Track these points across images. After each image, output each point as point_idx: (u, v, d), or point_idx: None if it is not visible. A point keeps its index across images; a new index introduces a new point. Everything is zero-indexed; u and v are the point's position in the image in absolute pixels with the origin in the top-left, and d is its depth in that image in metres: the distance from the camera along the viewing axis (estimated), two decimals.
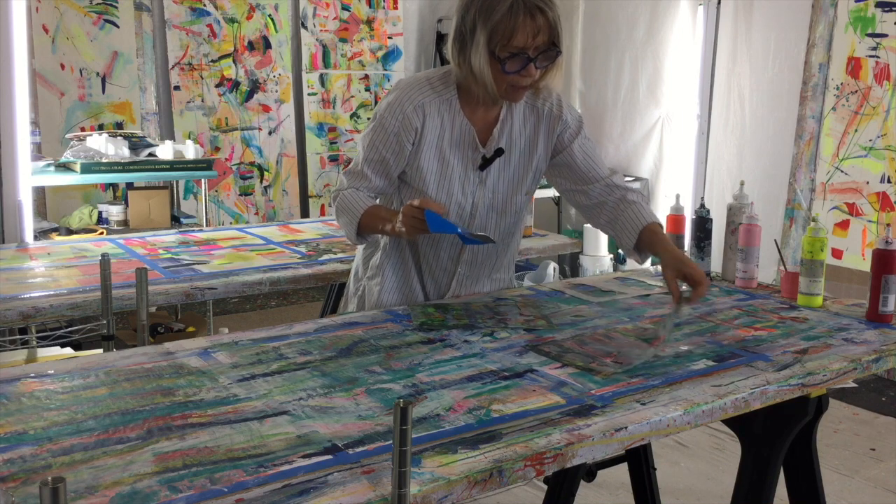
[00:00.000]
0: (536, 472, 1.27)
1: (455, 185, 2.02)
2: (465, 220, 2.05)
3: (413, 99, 1.95)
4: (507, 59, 1.82)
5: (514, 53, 1.81)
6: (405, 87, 1.98)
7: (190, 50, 5.54)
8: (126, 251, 2.68)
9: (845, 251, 4.35)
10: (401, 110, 1.94)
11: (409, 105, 1.94)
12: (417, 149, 1.97)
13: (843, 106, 4.36)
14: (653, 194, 5.44)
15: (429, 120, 1.96)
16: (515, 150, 2.04)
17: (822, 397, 1.80)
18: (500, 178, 2.05)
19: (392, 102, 1.96)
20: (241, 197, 5.85)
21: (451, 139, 1.99)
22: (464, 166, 2.01)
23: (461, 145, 2.00)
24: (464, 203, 2.04)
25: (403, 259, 2.12)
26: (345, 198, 1.99)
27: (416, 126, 1.94)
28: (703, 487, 3.14)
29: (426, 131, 1.96)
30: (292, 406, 1.42)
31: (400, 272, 2.13)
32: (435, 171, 2.00)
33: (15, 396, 1.44)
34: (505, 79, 1.86)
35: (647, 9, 5.28)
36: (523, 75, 1.85)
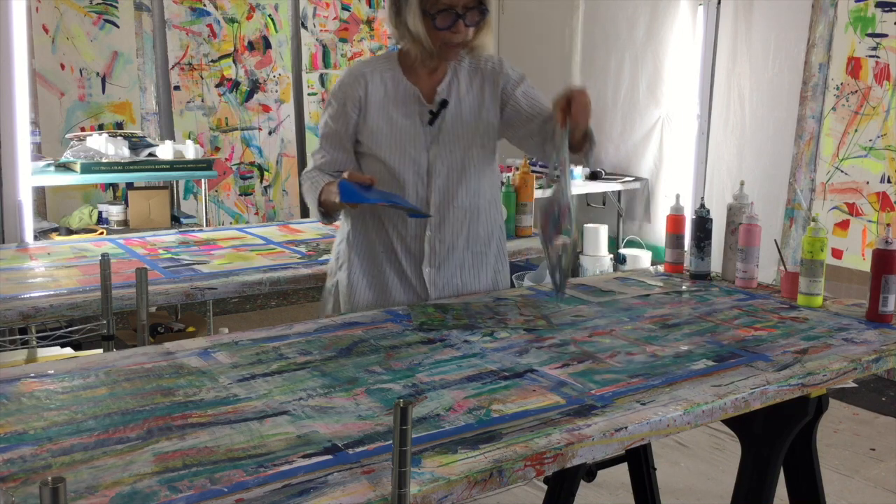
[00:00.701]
0: (536, 472, 1.27)
1: (407, 143, 2.08)
2: (422, 177, 2.08)
3: (353, 72, 2.12)
4: (437, 15, 1.96)
5: (443, 9, 1.96)
6: (351, 66, 2.18)
7: (190, 50, 5.54)
8: (126, 251, 2.68)
9: (845, 251, 4.35)
10: (345, 83, 2.10)
11: (349, 77, 2.11)
12: (365, 115, 2.08)
13: (843, 106, 4.36)
14: (653, 194, 5.44)
15: (371, 86, 2.08)
16: (465, 106, 2.12)
17: (822, 397, 1.80)
18: (453, 134, 2.10)
19: (340, 78, 2.14)
20: (241, 197, 5.85)
21: (397, 101, 2.09)
22: (412, 123, 2.09)
23: (407, 105, 2.09)
24: (420, 160, 2.08)
25: (368, 238, 2.14)
26: (307, 179, 2.12)
27: (359, 94, 2.08)
28: (703, 487, 3.14)
29: (370, 96, 2.08)
30: (292, 406, 1.42)
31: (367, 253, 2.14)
32: (385, 132, 2.08)
33: (15, 396, 1.44)
34: (438, 36, 1.99)
35: (647, 9, 5.28)
36: (454, 32, 1.98)
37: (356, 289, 2.15)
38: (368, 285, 2.15)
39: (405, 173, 2.06)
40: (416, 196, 2.08)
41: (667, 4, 5.17)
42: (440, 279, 2.14)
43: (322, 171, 2.10)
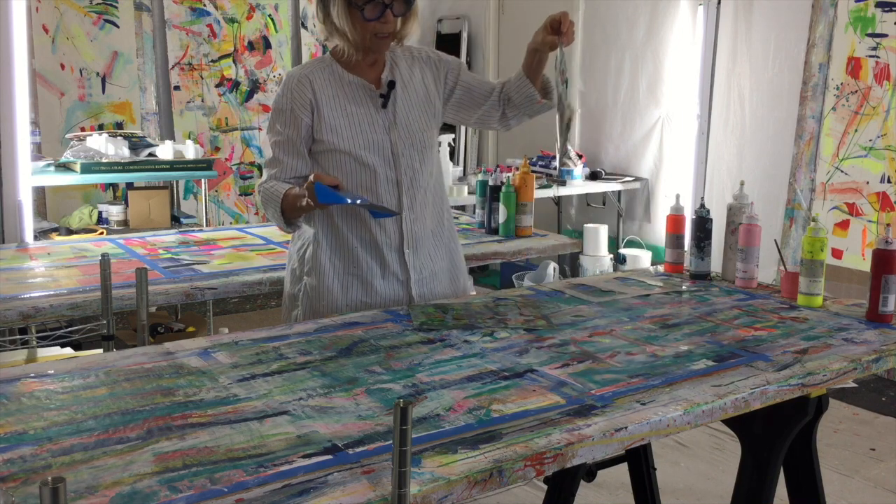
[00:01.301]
0: (536, 472, 1.27)
1: (367, 130, 2.10)
2: (388, 160, 2.11)
3: (295, 76, 2.11)
4: (364, 6, 1.98)
5: (369, 0, 1.97)
6: (288, 73, 2.14)
7: (190, 50, 5.54)
8: (126, 251, 2.68)
9: (845, 251, 4.35)
10: (288, 89, 2.09)
11: (293, 81, 2.10)
12: (319, 114, 2.08)
13: (843, 106, 4.36)
14: (653, 194, 5.44)
15: (317, 86, 2.09)
16: (411, 90, 2.17)
17: (822, 397, 1.80)
18: (408, 115, 2.15)
19: (280, 88, 2.12)
20: (241, 197, 5.85)
21: (346, 95, 2.11)
22: (367, 110, 2.11)
23: (357, 95, 2.11)
24: (383, 144, 2.11)
25: (341, 235, 2.11)
26: (265, 190, 2.08)
27: (307, 96, 2.08)
28: (703, 487, 3.14)
29: (319, 95, 2.08)
30: (292, 406, 1.42)
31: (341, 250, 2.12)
32: (344, 125, 2.09)
33: (15, 396, 1.44)
34: (367, 27, 2.00)
35: (647, 9, 5.28)
36: (383, 22, 2.00)
37: (331, 289, 2.11)
38: (348, 283, 2.12)
39: (372, 159, 2.09)
40: (386, 179, 2.10)
41: (667, 4, 5.16)
42: (417, 260, 2.16)
43: (278, 179, 2.08)
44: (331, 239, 2.12)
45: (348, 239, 2.11)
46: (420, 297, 2.15)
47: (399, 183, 2.11)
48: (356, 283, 2.11)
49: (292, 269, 2.20)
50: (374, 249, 2.11)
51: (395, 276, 2.13)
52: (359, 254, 2.11)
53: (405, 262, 2.13)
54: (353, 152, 2.07)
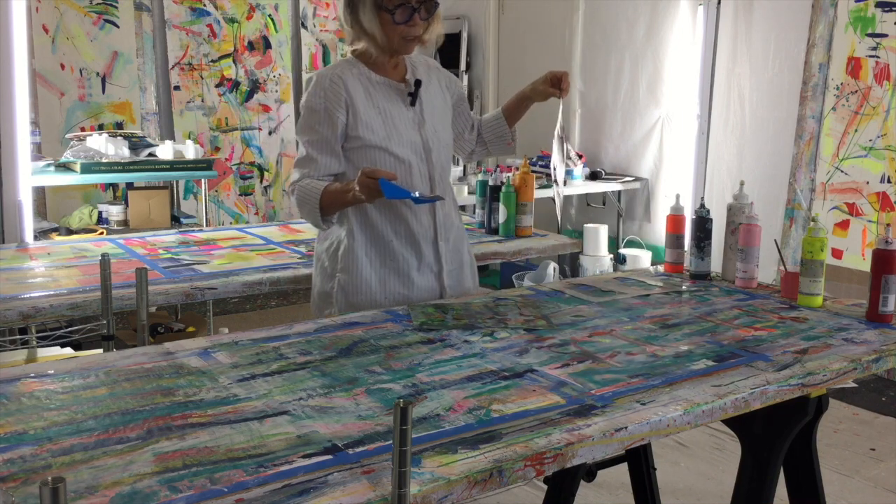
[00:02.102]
0: (536, 472, 1.27)
1: (400, 126, 2.16)
2: (421, 155, 2.18)
3: (326, 76, 2.13)
4: (395, 10, 2.04)
5: (399, 4, 2.04)
6: (318, 74, 2.16)
7: (190, 50, 5.54)
8: (126, 251, 2.68)
9: (845, 251, 4.35)
10: (321, 89, 2.11)
11: (325, 81, 2.12)
12: (354, 111, 2.11)
13: (843, 106, 4.36)
14: (653, 194, 5.44)
15: (350, 84, 2.12)
16: (432, 90, 2.26)
17: (822, 397, 1.80)
18: (433, 113, 2.23)
19: (311, 89, 2.13)
20: (241, 197, 5.85)
21: (377, 92, 2.15)
22: (398, 108, 2.17)
23: (387, 93, 2.17)
24: (415, 140, 2.18)
25: (377, 231, 2.15)
26: (301, 188, 2.10)
27: (342, 95, 2.10)
28: (703, 487, 3.14)
29: (353, 94, 2.11)
30: (292, 406, 1.42)
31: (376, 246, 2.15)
32: (378, 122, 2.13)
33: (15, 396, 1.44)
34: (395, 30, 2.07)
35: (647, 9, 5.28)
36: (411, 25, 2.07)
37: (369, 283, 2.15)
38: (385, 276, 2.16)
39: (407, 154, 2.15)
40: (420, 174, 2.17)
41: (667, 4, 5.16)
42: (448, 252, 2.24)
43: (312, 178, 2.11)
44: (367, 233, 2.16)
45: (385, 233, 2.16)
46: (451, 288, 2.24)
47: (431, 177, 2.19)
48: (393, 276, 2.17)
49: (323, 268, 2.22)
50: (411, 242, 2.17)
51: (429, 268, 2.21)
52: (395, 247, 2.16)
53: (439, 254, 2.21)
54: (388, 148, 2.12)
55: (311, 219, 2.11)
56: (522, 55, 6.11)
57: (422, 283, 2.19)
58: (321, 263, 2.23)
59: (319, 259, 2.24)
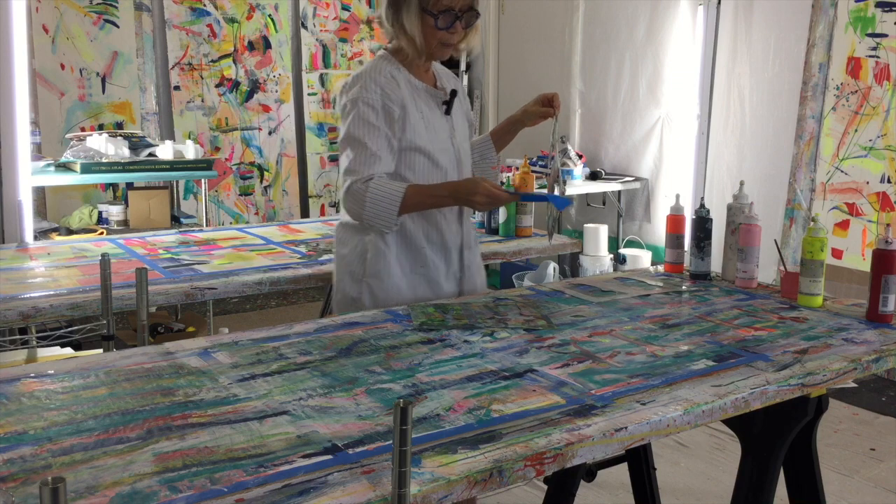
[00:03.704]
0: (536, 472, 1.27)
1: (440, 132, 2.18)
2: (453, 163, 2.20)
3: (380, 71, 2.12)
4: (439, 15, 2.05)
5: (444, 10, 2.05)
6: (365, 72, 2.13)
7: (190, 50, 5.54)
8: (126, 251, 2.68)
9: (845, 251, 4.35)
10: (377, 85, 2.09)
11: (381, 77, 2.10)
12: (405, 111, 2.11)
13: (843, 106, 4.36)
14: (653, 194, 5.44)
15: (402, 84, 2.13)
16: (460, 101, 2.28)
17: (822, 397, 1.80)
18: (461, 126, 2.27)
19: (365, 84, 2.10)
20: (241, 197, 5.85)
21: (418, 96, 2.16)
22: (436, 114, 2.19)
23: (426, 99, 2.18)
24: (450, 148, 2.20)
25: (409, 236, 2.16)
26: (378, 187, 2.05)
27: (398, 92, 2.11)
28: (703, 487, 3.14)
29: (403, 94, 2.12)
30: (292, 406, 1.42)
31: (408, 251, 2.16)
32: (422, 125, 2.14)
33: (15, 396, 1.44)
34: (436, 35, 2.08)
35: (647, 9, 5.28)
36: (452, 32, 2.09)
37: (400, 288, 2.15)
38: (415, 282, 2.18)
39: (444, 161, 2.17)
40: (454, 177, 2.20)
41: (667, 4, 5.16)
42: (469, 258, 2.28)
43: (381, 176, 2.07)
44: (399, 240, 2.15)
45: (417, 239, 2.17)
46: (467, 291, 2.28)
47: None
48: (423, 282, 2.18)
49: (350, 272, 2.19)
50: (442, 249, 2.20)
51: (454, 275, 2.24)
52: (427, 253, 2.18)
53: (463, 261, 2.25)
54: (430, 153, 2.14)
55: (380, 219, 2.06)
56: (522, 55, 6.11)
57: (448, 289, 2.23)
58: (348, 268, 2.19)
59: (346, 263, 2.20)
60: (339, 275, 2.23)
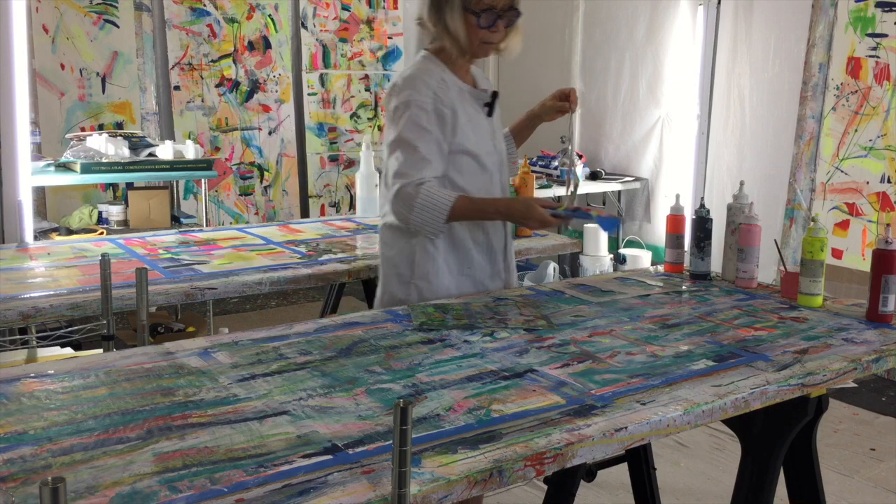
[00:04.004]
0: (536, 472, 1.27)
1: (485, 135, 2.19)
2: (497, 165, 2.23)
3: (432, 74, 2.12)
4: (481, 13, 2.06)
5: (486, 9, 2.06)
6: (416, 74, 2.11)
7: (190, 50, 5.54)
8: (126, 251, 2.68)
9: (845, 251, 4.35)
10: (428, 87, 2.09)
11: (433, 80, 2.10)
12: (455, 114, 2.11)
13: (843, 106, 4.36)
14: (653, 194, 5.44)
15: (450, 87, 2.13)
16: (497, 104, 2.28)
17: (822, 397, 1.80)
18: (498, 125, 2.28)
19: (415, 87, 2.09)
20: (241, 197, 5.85)
21: (464, 98, 2.16)
22: (480, 117, 2.20)
23: (470, 100, 2.18)
24: (493, 150, 2.21)
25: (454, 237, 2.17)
26: (429, 192, 2.04)
27: (449, 95, 2.11)
28: (703, 487, 3.14)
29: (453, 97, 2.12)
30: (292, 406, 1.42)
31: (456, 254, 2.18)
32: (469, 128, 2.14)
33: (15, 396, 1.44)
34: (477, 34, 2.08)
35: (647, 9, 5.28)
36: (493, 31, 2.09)
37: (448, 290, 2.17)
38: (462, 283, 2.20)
39: (490, 163, 2.19)
40: (499, 183, 2.23)
41: (667, 4, 5.17)
42: (510, 258, 2.32)
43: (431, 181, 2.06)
44: (447, 242, 2.16)
45: (464, 241, 2.18)
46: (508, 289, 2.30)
47: (504, 188, 2.26)
48: (469, 283, 2.21)
49: (398, 274, 2.18)
50: (488, 251, 2.23)
51: (499, 275, 2.27)
52: (473, 255, 2.20)
53: (507, 262, 2.29)
54: (477, 155, 2.15)
55: (427, 224, 2.05)
56: (522, 55, 6.07)
57: (493, 288, 2.26)
58: (395, 270, 2.19)
59: (392, 265, 2.20)
60: (385, 276, 2.23)
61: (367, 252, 2.72)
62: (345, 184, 6.24)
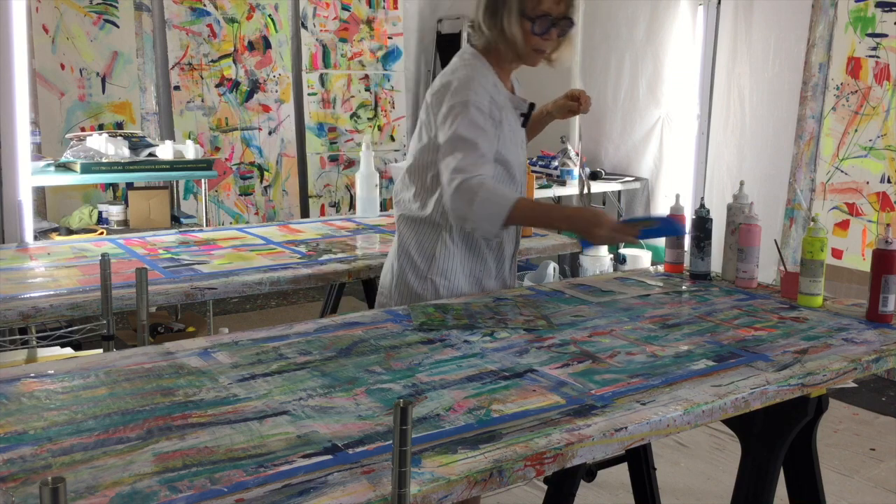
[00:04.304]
0: (536, 472, 1.27)
1: (518, 144, 2.20)
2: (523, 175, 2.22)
3: (486, 77, 2.10)
4: (536, 19, 2.05)
5: (541, 15, 2.05)
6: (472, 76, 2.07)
7: (190, 50, 5.54)
8: (126, 251, 2.68)
9: (845, 251, 4.35)
10: (485, 90, 2.07)
11: (489, 83, 2.09)
12: (502, 120, 2.11)
13: (843, 106, 4.36)
14: (653, 194, 5.44)
15: (501, 92, 2.13)
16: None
17: (822, 397, 1.80)
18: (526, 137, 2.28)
19: (473, 87, 2.05)
20: (241, 197, 5.85)
21: (504, 105, 2.14)
22: (516, 126, 2.20)
23: (510, 108, 2.17)
24: (523, 161, 2.22)
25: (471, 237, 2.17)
26: (492, 190, 1.99)
27: (499, 101, 2.11)
28: (703, 487, 3.14)
29: (502, 103, 2.12)
30: (292, 406, 1.42)
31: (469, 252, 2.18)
32: (510, 138, 2.14)
33: (15, 396, 1.44)
34: (531, 40, 2.07)
35: (647, 9, 5.28)
36: (546, 39, 2.09)
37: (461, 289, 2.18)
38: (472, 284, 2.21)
39: (519, 175, 2.19)
40: (521, 192, 2.22)
41: (667, 4, 5.17)
42: (514, 268, 2.33)
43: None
44: (465, 244, 2.17)
45: (480, 245, 2.19)
46: None
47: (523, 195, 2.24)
48: (476, 286, 2.22)
49: (415, 267, 2.19)
50: (498, 255, 2.24)
51: (501, 278, 2.27)
52: (486, 259, 2.21)
53: (512, 268, 2.31)
54: (511, 165, 2.14)
55: (485, 221, 1.99)
56: None
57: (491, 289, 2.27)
58: (411, 261, 2.19)
59: (409, 257, 2.19)
60: (400, 268, 2.21)
61: (367, 252, 2.72)
62: (345, 184, 6.25)
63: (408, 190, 2.20)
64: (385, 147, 6.45)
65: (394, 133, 6.50)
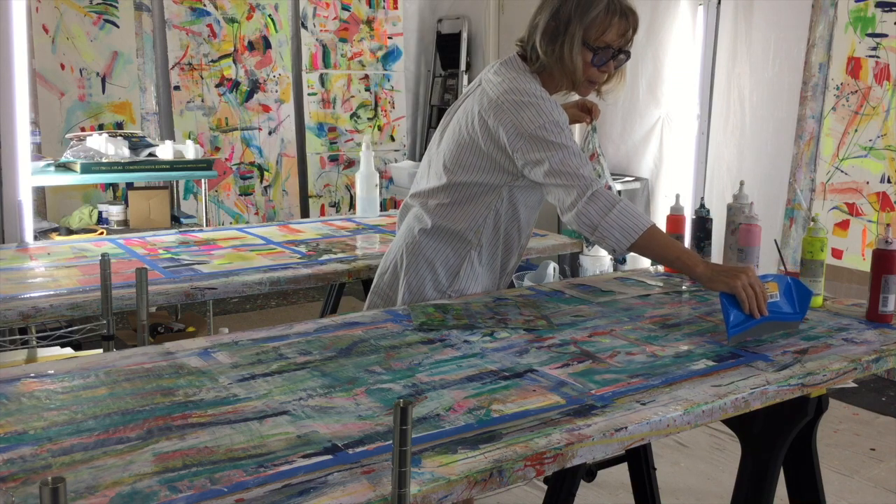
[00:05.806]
0: (536, 472, 1.27)
1: None
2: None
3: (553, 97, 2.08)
4: (598, 50, 2.02)
5: (603, 46, 2.02)
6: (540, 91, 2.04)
7: (190, 50, 5.55)
8: (126, 251, 2.68)
9: (845, 251, 4.35)
10: (560, 112, 2.04)
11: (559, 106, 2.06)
12: None
13: (843, 106, 4.36)
14: (653, 194, 5.44)
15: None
16: None
17: (822, 397, 1.80)
18: None
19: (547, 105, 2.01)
20: (241, 197, 5.85)
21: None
22: None
23: None
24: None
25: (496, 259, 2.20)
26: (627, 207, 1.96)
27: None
28: (703, 487, 3.14)
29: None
30: (292, 406, 1.42)
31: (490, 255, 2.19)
32: None
33: (15, 396, 1.44)
34: (588, 71, 2.06)
35: (647, 9, 5.28)
36: (603, 70, 2.07)
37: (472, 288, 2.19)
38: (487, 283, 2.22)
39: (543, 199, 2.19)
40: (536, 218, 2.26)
41: (667, 4, 5.16)
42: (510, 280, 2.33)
43: None
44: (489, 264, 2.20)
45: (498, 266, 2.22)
46: None
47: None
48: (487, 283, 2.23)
49: (436, 280, 2.16)
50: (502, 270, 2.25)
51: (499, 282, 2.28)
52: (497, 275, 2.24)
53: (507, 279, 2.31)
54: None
55: (616, 232, 1.94)
56: None
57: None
58: (433, 272, 2.15)
59: (430, 266, 2.15)
60: (418, 276, 2.16)
61: (367, 252, 2.72)
62: (345, 184, 6.25)
63: (435, 197, 2.14)
64: (385, 147, 6.45)
65: (394, 133, 6.50)
